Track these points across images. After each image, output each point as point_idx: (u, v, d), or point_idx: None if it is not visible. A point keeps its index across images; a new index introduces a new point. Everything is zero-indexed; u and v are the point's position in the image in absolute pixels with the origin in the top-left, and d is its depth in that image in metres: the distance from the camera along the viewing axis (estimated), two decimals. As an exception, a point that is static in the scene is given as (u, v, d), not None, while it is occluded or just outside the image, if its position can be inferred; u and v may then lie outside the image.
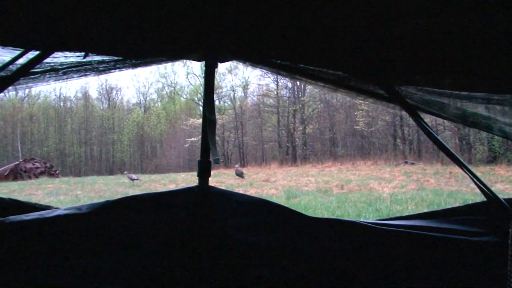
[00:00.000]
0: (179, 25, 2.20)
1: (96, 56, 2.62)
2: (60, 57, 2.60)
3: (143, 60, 2.74)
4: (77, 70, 2.70)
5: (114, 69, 2.79)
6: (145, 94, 58.07)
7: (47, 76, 2.70)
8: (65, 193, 18.33)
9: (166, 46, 2.58)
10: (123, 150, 52.01)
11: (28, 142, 50.39)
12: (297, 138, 41.47)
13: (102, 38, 2.41)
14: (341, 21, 2.00)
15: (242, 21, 2.11)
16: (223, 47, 2.60)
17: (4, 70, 2.56)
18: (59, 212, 2.65)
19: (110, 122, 52.67)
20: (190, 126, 43.35)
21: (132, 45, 2.53)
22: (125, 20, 2.12)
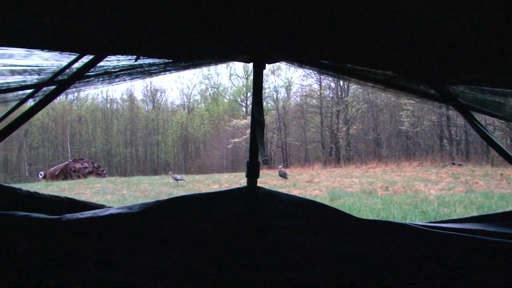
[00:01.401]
0: (227, 27, 2.21)
1: (147, 59, 2.67)
2: (113, 61, 2.67)
3: (192, 62, 2.77)
4: (129, 73, 2.77)
5: (165, 71, 2.84)
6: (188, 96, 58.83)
7: (100, 79, 2.78)
8: (111, 192, 18.76)
9: (215, 48, 2.60)
10: (167, 151, 52.82)
11: (77, 143, 51.86)
12: (340, 138, 41.04)
13: (153, 41, 2.46)
14: (390, 20, 1.97)
15: (290, 22, 2.10)
16: (271, 48, 2.60)
17: (61, 74, 2.65)
18: (112, 211, 2.71)
19: (155, 123, 53.57)
20: (233, 127, 43.60)
21: (182, 48, 2.57)
22: (175, 23, 2.16)
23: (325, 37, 2.31)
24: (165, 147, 52.68)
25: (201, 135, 53.64)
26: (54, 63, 2.67)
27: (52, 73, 2.67)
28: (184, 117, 54.80)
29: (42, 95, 2.67)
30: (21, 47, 2.45)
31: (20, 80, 2.68)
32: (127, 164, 51.86)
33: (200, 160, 49.77)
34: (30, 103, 2.84)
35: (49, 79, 2.65)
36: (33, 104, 2.61)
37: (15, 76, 2.66)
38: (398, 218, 10.46)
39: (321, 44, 2.46)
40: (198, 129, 53.57)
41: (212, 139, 50.84)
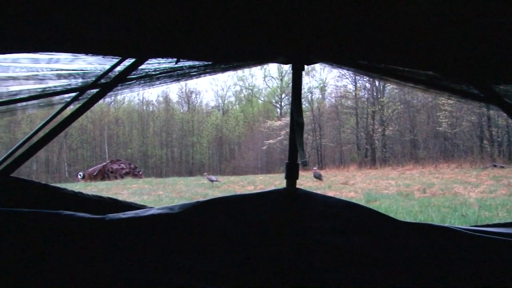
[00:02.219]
0: (267, 29, 2.22)
1: (187, 62, 2.71)
2: (154, 64, 2.72)
3: (232, 65, 2.80)
4: (170, 76, 2.81)
5: (204, 73, 2.87)
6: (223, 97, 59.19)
7: (142, 82, 2.83)
8: (148, 193, 19.00)
9: (254, 50, 2.62)
10: (202, 152, 53.24)
11: (114, 144, 52.84)
12: (376, 140, 40.49)
13: (193, 44, 2.49)
14: (432, 19, 1.94)
15: (329, 23, 2.10)
16: (310, 49, 2.60)
17: (104, 78, 2.71)
18: (153, 211, 2.76)
19: (190, 124, 54.09)
20: (268, 128, 43.60)
21: (221, 50, 2.59)
22: (215, 25, 2.18)
23: (365, 38, 2.30)
24: (200, 149, 53.11)
25: (235, 137, 53.85)
26: (98, 66, 2.74)
27: (96, 76, 2.74)
28: (219, 119, 55.14)
29: (86, 98, 2.74)
30: (67, 52, 2.52)
31: (66, 83, 2.76)
32: (163, 165, 52.50)
33: (235, 162, 49.96)
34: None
35: (93, 82, 2.72)
36: (78, 107, 2.68)
37: (61, 80, 2.74)
38: (436, 221, 10.24)
39: (360, 45, 2.44)
40: (233, 130, 53.81)
41: (246, 141, 50.95)
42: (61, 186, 2.96)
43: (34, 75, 2.67)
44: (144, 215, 2.72)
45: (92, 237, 2.67)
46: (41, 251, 2.65)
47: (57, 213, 2.64)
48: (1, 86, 2.68)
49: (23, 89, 2.70)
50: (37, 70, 2.66)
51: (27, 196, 2.77)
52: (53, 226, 2.64)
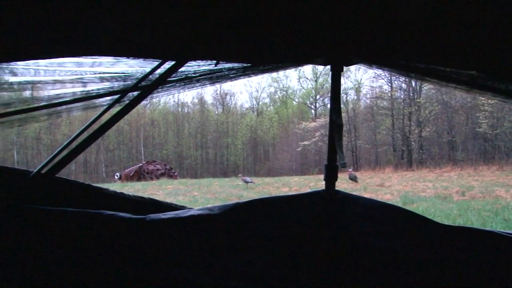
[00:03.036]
0: (305, 30, 2.22)
1: (227, 64, 2.73)
2: (193, 66, 2.76)
3: (271, 66, 2.80)
4: (209, 78, 2.84)
5: (244, 75, 2.89)
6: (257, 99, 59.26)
7: (182, 84, 2.87)
8: (183, 193, 19.20)
9: (293, 51, 2.62)
10: (237, 153, 53.44)
11: (149, 146, 53.59)
12: (412, 141, 39.77)
13: (232, 46, 2.50)
14: (474, 17, 1.90)
15: (368, 23, 2.08)
16: (349, 50, 2.58)
17: (145, 80, 2.76)
18: (193, 212, 2.79)
19: (224, 126, 54.40)
20: (302, 129, 43.41)
21: (260, 52, 2.60)
22: (254, 27, 2.19)
23: (405, 38, 2.27)
24: (235, 150, 53.33)
25: (270, 138, 53.85)
26: (139, 69, 2.79)
27: (137, 79, 2.79)
28: (253, 120, 55.25)
29: (127, 100, 2.79)
30: (110, 55, 2.58)
31: (108, 86, 2.82)
32: (198, 166, 52.97)
33: (269, 163, 49.98)
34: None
35: (134, 85, 2.77)
36: (119, 109, 2.74)
37: (104, 82, 2.80)
38: (476, 225, 10.00)
39: (400, 45, 2.41)
40: (267, 131, 53.82)
41: (281, 142, 50.87)
42: (102, 187, 3.03)
43: (78, 78, 2.75)
44: (184, 216, 2.75)
45: (133, 237, 2.72)
46: (83, 250, 2.72)
47: (99, 213, 2.70)
48: (48, 89, 2.76)
49: (67, 92, 2.78)
50: (81, 73, 2.74)
51: (71, 196, 2.84)
52: (95, 226, 2.70)
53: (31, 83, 2.74)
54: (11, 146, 44.56)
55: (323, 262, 2.74)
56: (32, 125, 38.49)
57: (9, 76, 2.73)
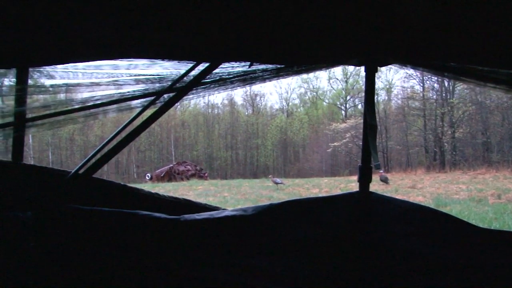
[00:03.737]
0: (339, 31, 2.21)
1: (260, 65, 2.74)
2: (227, 68, 2.78)
3: (304, 67, 2.80)
4: (243, 79, 2.85)
5: (277, 77, 2.90)
6: (287, 100, 59.10)
7: (216, 86, 2.89)
8: (213, 194, 19.25)
9: (327, 52, 2.61)
10: (267, 155, 53.43)
11: (180, 147, 54.03)
12: (445, 142, 38.97)
13: (266, 47, 2.51)
14: None
15: (402, 23, 2.06)
16: (383, 51, 2.56)
17: (180, 82, 2.79)
18: (227, 213, 2.81)
19: (254, 127, 54.43)
20: (332, 130, 43.05)
21: (294, 53, 2.61)
22: (288, 29, 2.19)
23: (440, 37, 2.24)
24: (265, 151, 53.32)
25: (300, 139, 53.64)
26: (173, 71, 2.83)
27: (171, 81, 2.83)
28: (283, 121, 55.13)
29: (162, 101, 2.83)
30: (145, 58, 2.62)
31: (143, 88, 2.87)
32: (228, 167, 53.14)
33: (299, 164, 49.80)
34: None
35: (169, 86, 2.81)
36: (155, 110, 2.78)
37: (139, 84, 2.85)
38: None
39: (435, 44, 2.38)
40: (297, 133, 53.63)
41: (311, 143, 50.63)
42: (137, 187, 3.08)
43: (115, 80, 2.80)
44: (218, 217, 2.77)
45: (168, 237, 2.76)
46: (119, 249, 2.77)
47: (135, 213, 2.75)
48: (85, 91, 2.83)
49: (104, 94, 2.83)
50: (117, 76, 2.79)
51: (107, 196, 2.90)
52: (131, 225, 2.75)
53: (70, 85, 2.80)
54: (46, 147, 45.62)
55: (356, 264, 2.72)
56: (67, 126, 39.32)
57: (49, 79, 2.81)
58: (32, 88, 2.80)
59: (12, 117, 2.75)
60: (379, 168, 2.56)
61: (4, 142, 2.58)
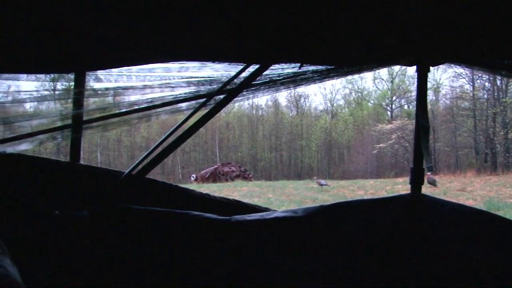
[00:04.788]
0: (390, 31, 2.18)
1: (311, 66, 2.74)
2: (277, 69, 2.79)
3: (355, 68, 2.78)
4: (293, 80, 2.86)
5: (328, 77, 2.89)
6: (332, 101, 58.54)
7: (266, 87, 2.91)
8: (258, 195, 19.28)
9: (378, 52, 2.58)
10: (311, 156, 53.08)
11: (224, 148, 54.41)
12: (497, 144, 37.62)
13: (316, 49, 2.51)
14: None
15: (456, 21, 2.01)
16: (437, 50, 2.51)
17: (230, 84, 2.82)
18: (277, 214, 2.83)
19: (299, 128, 54.19)
20: (378, 132, 42.34)
21: (345, 54, 2.59)
22: (338, 29, 2.18)
23: (498, 35, 2.17)
24: (309, 152, 53.01)
25: (344, 140, 53.03)
26: (224, 73, 2.86)
27: (222, 83, 2.86)
28: (328, 122, 54.64)
29: (213, 103, 2.87)
30: (196, 60, 2.66)
31: (195, 90, 2.92)
32: (272, 168, 53.12)
33: (344, 166, 49.26)
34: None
35: (219, 88, 2.85)
36: (206, 112, 2.82)
37: (190, 87, 2.90)
38: None
39: (492, 43, 2.31)
40: (342, 134, 53.04)
41: (356, 144, 49.97)
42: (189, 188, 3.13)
43: (167, 83, 2.86)
44: (268, 218, 2.79)
45: (218, 237, 2.79)
46: (171, 248, 2.82)
47: (187, 213, 2.80)
48: (139, 94, 2.90)
49: (156, 96, 2.90)
50: (169, 78, 2.85)
51: (160, 196, 2.96)
52: (183, 225, 2.80)
53: (124, 88, 2.88)
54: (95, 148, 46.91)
55: (407, 268, 2.68)
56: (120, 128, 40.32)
57: (104, 82, 2.90)
58: (88, 91, 2.90)
59: (70, 119, 2.85)
60: (432, 170, 2.53)
61: (55, 144, 2.68)
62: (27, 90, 2.99)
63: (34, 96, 2.98)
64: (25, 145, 2.86)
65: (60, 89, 4.11)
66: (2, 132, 2.83)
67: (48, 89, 3.35)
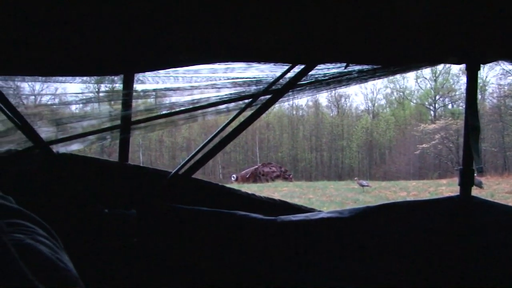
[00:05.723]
0: (439, 27, 2.14)
1: (356, 66, 2.71)
2: (323, 69, 2.77)
3: (402, 67, 2.74)
4: (339, 80, 2.84)
5: (374, 77, 2.85)
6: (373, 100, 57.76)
7: (311, 87, 2.90)
8: (298, 196, 19.23)
9: (426, 51, 2.54)
10: (352, 156, 52.54)
11: (264, 148, 54.47)
12: (548, 144, 36.28)
13: (362, 48, 2.48)
14: None
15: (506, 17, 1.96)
16: (488, 47, 2.45)
17: (275, 84, 2.83)
18: (323, 215, 2.81)
19: (339, 128, 53.73)
20: (421, 132, 41.46)
21: (392, 53, 2.56)
22: (384, 29, 2.15)
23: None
24: (350, 153, 52.47)
25: (386, 141, 52.23)
26: (269, 74, 2.87)
27: (267, 83, 2.87)
28: (369, 122, 53.95)
29: (259, 104, 2.88)
30: (242, 61, 2.68)
31: (240, 91, 2.93)
32: (312, 169, 52.85)
33: (385, 166, 48.48)
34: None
35: (265, 89, 2.85)
36: (252, 113, 2.84)
37: (236, 87, 2.92)
38: None
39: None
40: (383, 134, 52.26)
41: (398, 145, 49.11)
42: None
43: (213, 84, 2.89)
44: (314, 218, 2.78)
45: (264, 237, 2.80)
46: (217, 248, 2.85)
47: (232, 213, 2.81)
48: (185, 95, 2.94)
49: (202, 97, 2.93)
50: (215, 79, 2.88)
51: (206, 196, 2.99)
52: (229, 225, 2.82)
53: (171, 89, 2.93)
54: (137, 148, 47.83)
55: (455, 272, 2.62)
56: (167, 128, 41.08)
57: (152, 83, 2.95)
58: (137, 92, 2.96)
59: (118, 120, 2.92)
60: (482, 172, 2.46)
61: (99, 145, 2.77)
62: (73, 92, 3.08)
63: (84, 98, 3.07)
64: (76, 145, 2.95)
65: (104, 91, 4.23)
66: (55, 133, 2.92)
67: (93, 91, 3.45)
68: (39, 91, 7.58)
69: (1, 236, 0.71)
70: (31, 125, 2.72)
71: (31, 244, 0.79)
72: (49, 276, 0.74)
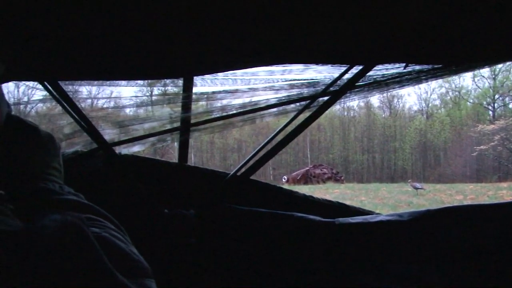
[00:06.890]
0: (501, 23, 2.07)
1: (416, 66, 2.66)
2: (381, 70, 2.74)
3: (464, 66, 2.67)
4: (398, 81, 2.80)
5: (434, 77, 2.80)
6: (427, 101, 56.33)
7: (370, 88, 2.87)
8: (350, 198, 18.98)
9: (489, 49, 2.46)
10: (405, 158, 51.43)
11: (315, 150, 54.17)
12: None
13: (422, 47, 2.43)
14: None
15: None
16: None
17: (333, 85, 2.82)
18: (382, 217, 2.77)
19: (392, 130, 52.76)
20: (478, 133, 40.04)
21: (453, 52, 2.49)
22: (445, 26, 2.10)
23: None
24: (403, 154, 51.39)
25: (441, 142, 50.80)
26: (327, 75, 2.86)
27: (325, 84, 2.86)
28: (423, 123, 52.65)
29: (316, 105, 2.88)
30: (299, 63, 2.68)
31: (298, 92, 2.94)
32: (364, 170, 52.14)
33: (440, 169, 47.16)
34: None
35: (323, 90, 2.85)
36: (310, 114, 2.84)
37: (294, 89, 2.93)
38: None
39: None
40: (438, 135, 50.84)
41: (453, 146, 47.63)
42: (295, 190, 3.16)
43: (271, 86, 2.91)
44: (373, 221, 2.75)
45: (322, 239, 2.79)
46: (275, 249, 2.86)
47: (290, 215, 2.82)
48: (244, 97, 2.98)
49: (261, 99, 2.96)
50: (272, 81, 2.89)
51: (263, 197, 3.02)
52: (287, 227, 2.83)
53: (229, 92, 2.97)
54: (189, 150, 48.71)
55: None
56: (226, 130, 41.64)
57: (210, 86, 3.00)
58: (197, 95, 3.02)
59: (179, 122, 2.99)
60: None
61: (152, 147, 2.87)
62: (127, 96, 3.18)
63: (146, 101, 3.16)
64: (138, 147, 3.05)
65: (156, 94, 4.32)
66: (117, 135, 3.02)
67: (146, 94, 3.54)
68: (95, 95, 7.85)
69: (85, 229, 0.75)
70: (95, 128, 2.83)
71: (107, 237, 0.84)
72: (125, 266, 0.79)
